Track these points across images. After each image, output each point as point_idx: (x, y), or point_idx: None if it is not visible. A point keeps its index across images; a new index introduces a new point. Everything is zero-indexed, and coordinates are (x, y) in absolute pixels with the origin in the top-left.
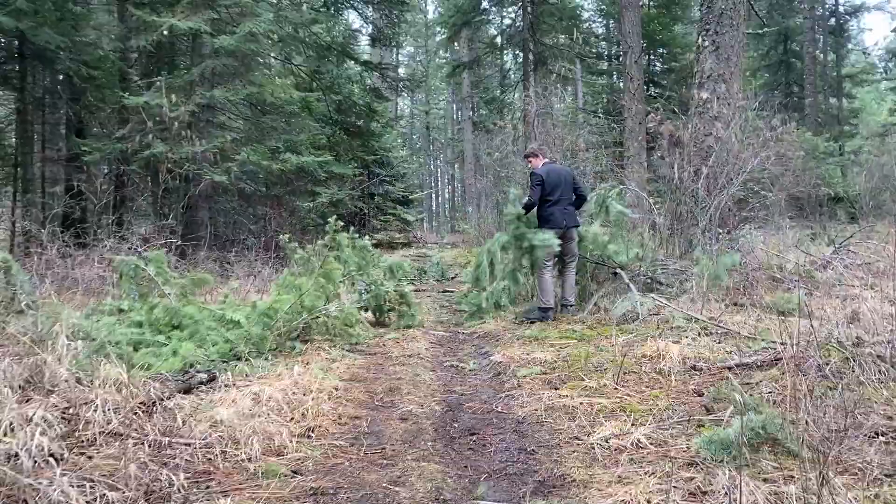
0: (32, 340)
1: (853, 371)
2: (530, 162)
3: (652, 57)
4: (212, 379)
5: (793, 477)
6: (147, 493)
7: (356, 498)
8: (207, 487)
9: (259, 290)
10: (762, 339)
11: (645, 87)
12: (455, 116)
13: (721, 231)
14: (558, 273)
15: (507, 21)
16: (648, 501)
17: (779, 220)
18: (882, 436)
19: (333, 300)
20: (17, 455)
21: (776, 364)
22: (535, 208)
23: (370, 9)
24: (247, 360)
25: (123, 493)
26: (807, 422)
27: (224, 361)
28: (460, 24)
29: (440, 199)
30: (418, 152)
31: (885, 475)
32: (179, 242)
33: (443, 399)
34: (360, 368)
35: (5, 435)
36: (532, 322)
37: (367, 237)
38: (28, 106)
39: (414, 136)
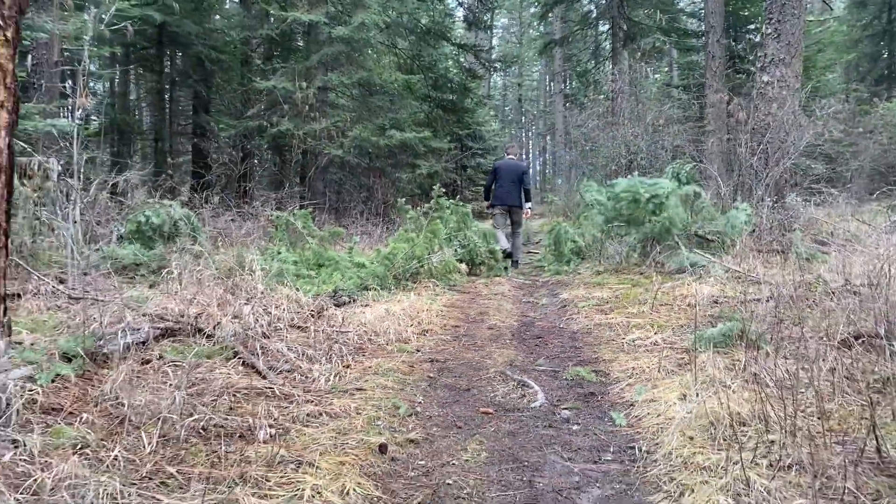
0: (230, 267)
1: (831, 302)
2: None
3: (739, 32)
4: (353, 300)
5: (754, 359)
6: (327, 354)
7: (458, 363)
8: (362, 355)
9: (371, 247)
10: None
11: (730, 64)
12: (547, 89)
13: (770, 200)
14: (510, 236)
15: None
16: (648, 367)
17: (839, 191)
18: (828, 339)
19: (437, 252)
20: (245, 331)
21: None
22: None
23: None
24: (374, 289)
25: (315, 352)
26: (773, 329)
27: (359, 290)
28: (553, 2)
29: (531, 170)
30: (510, 124)
31: (820, 359)
32: (307, 202)
33: (519, 319)
34: (457, 300)
35: (235, 318)
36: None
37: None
38: (164, 86)
39: (506, 108)
